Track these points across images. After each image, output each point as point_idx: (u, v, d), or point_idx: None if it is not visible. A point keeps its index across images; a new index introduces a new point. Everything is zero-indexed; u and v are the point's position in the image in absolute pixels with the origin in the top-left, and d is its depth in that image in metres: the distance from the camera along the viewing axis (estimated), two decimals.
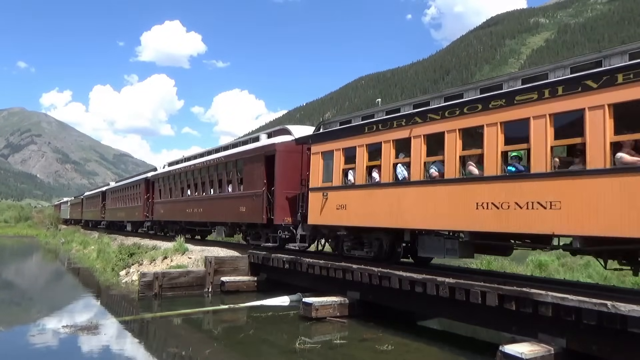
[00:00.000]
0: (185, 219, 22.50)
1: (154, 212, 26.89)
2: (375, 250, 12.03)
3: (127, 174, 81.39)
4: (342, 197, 12.07)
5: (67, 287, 19.68)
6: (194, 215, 21.18)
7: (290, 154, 14.73)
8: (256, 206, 15.64)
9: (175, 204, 23.81)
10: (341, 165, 12.27)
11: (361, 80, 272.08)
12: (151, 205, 27.42)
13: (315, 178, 13.08)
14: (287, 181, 14.63)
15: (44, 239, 48.46)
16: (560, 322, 7.38)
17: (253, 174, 16.20)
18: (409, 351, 8.94)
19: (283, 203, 14.62)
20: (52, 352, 9.22)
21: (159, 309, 13.19)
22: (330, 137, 12.82)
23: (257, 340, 10.05)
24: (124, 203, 33.56)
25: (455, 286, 8.78)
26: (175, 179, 23.88)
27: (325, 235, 13.89)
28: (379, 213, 10.95)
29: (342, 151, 12.26)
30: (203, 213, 20.27)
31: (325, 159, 12.91)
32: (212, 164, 19.87)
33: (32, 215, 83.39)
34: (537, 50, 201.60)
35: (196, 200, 21.18)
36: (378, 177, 11.22)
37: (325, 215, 12.53)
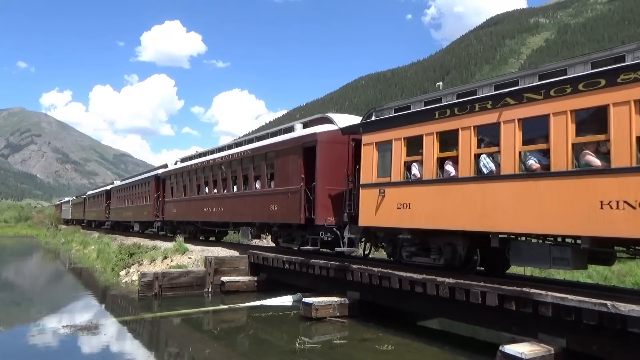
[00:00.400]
0: (202, 219, 20.69)
1: (164, 212, 25.10)
2: (447, 257, 10.17)
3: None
4: (404, 195, 10.28)
5: (67, 287, 19.68)
6: (213, 215, 19.31)
7: (334, 145, 13.04)
8: (292, 204, 13.83)
9: (190, 203, 21.95)
10: (402, 158, 10.47)
11: (361, 80, 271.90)
12: (161, 205, 25.58)
13: (368, 172, 11.27)
14: (330, 176, 12.98)
15: (44, 239, 48.48)
16: (560, 322, 7.38)
17: (287, 169, 14.35)
18: (409, 351, 8.94)
19: (325, 201, 12.89)
20: (52, 352, 9.23)
21: (159, 309, 13.19)
22: (387, 125, 10.99)
23: (257, 340, 10.06)
24: (130, 202, 31.79)
25: (455, 286, 8.78)
26: (191, 175, 21.98)
27: (380, 238, 11.98)
28: (456, 213, 9.20)
29: (404, 141, 10.46)
30: (224, 212, 18.37)
31: (381, 151, 11.09)
32: (235, 159, 17.86)
33: (32, 215, 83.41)
34: (537, 50, 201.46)
35: (216, 198, 19.25)
36: (453, 171, 9.48)
37: (382, 215, 10.73)
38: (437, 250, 10.44)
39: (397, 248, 11.36)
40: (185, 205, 22.54)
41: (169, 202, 24.61)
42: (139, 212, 29.55)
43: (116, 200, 36.61)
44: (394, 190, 10.62)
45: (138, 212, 29.77)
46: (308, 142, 13.64)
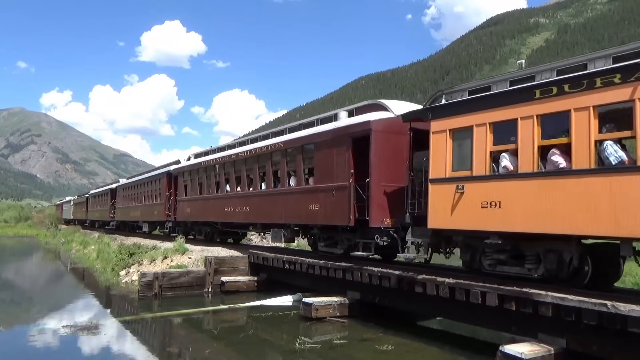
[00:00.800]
0: (223, 219, 18.79)
1: (177, 212, 23.17)
2: (549, 267, 8.48)
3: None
4: (491, 191, 8.55)
5: (67, 287, 19.69)
6: (236, 215, 17.38)
7: (391, 135, 11.33)
8: (338, 204, 12.04)
9: (207, 202, 20.03)
10: (488, 147, 8.76)
11: (361, 80, 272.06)
12: (174, 204, 23.62)
13: (439, 165, 9.54)
14: (387, 171, 11.23)
15: (44, 239, 48.50)
16: (560, 322, 7.38)
17: (332, 163, 12.48)
18: (409, 351, 8.94)
19: (381, 200, 11.14)
20: (52, 352, 9.23)
21: (159, 309, 13.19)
22: (466, 108, 9.26)
23: (257, 340, 10.06)
24: (138, 201, 29.92)
25: (455, 286, 8.78)
26: (208, 172, 20.08)
27: (456, 243, 10.11)
28: (567, 214, 7.55)
29: (490, 127, 8.76)
30: (250, 213, 16.49)
31: (457, 139, 9.37)
32: (263, 153, 15.85)
33: (32, 215, 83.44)
34: (537, 50, 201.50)
35: (240, 197, 17.25)
36: (563, 162, 7.87)
37: (461, 215, 9.00)
38: (534, 258, 8.74)
39: (477, 255, 9.53)
40: (202, 204, 20.66)
41: (182, 201, 22.71)
42: (148, 211, 27.81)
43: (122, 199, 34.68)
44: (476, 186, 8.90)
45: (147, 212, 28.06)
46: (359, 131, 11.75)
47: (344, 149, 12.17)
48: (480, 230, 8.87)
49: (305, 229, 14.65)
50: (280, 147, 14.96)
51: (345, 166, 12.01)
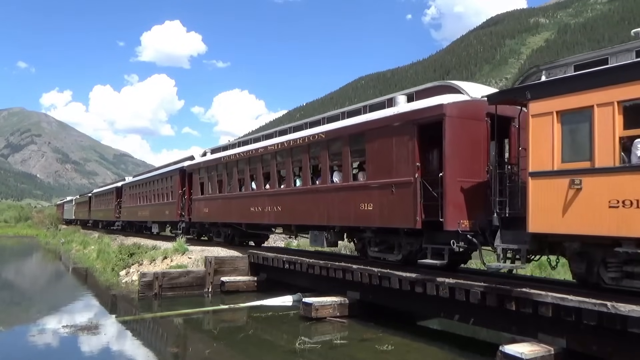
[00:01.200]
0: (248, 220, 16.80)
1: (192, 211, 21.29)
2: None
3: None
4: (626, 187, 6.82)
5: (67, 287, 19.70)
6: (265, 215, 15.47)
7: (467, 121, 9.64)
8: (400, 203, 10.27)
9: (229, 202, 18.08)
10: (617, 131, 6.99)
11: (361, 80, 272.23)
12: (188, 203, 21.79)
13: (543, 155, 7.83)
14: (464, 163, 9.58)
15: (43, 239, 48.50)
16: (560, 322, 7.38)
17: (390, 154, 10.62)
18: (409, 351, 8.94)
19: (457, 197, 9.41)
20: (52, 352, 9.24)
21: (159, 309, 13.20)
22: (581, 84, 7.50)
23: (257, 340, 10.06)
24: (147, 200, 28.12)
25: (455, 286, 8.78)
26: (230, 168, 18.08)
27: (566, 250, 8.20)
28: None
29: (618, 107, 6.98)
30: (282, 213, 14.63)
31: (568, 122, 7.72)
32: (299, 145, 13.92)
33: (32, 215, 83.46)
34: (537, 50, 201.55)
35: (269, 195, 15.34)
36: None
37: (578, 217, 7.28)
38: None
39: (595, 266, 7.79)
40: (223, 204, 18.63)
41: (198, 200, 20.77)
42: (158, 211, 25.92)
43: (129, 198, 32.67)
44: (601, 181, 7.18)
45: (158, 212, 26.08)
46: (427, 117, 9.90)
47: (406, 139, 10.30)
48: (610, 235, 7.04)
49: (352, 232, 12.84)
50: (321, 138, 12.99)
51: (409, 159, 10.21)
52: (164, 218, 25.30)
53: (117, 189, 36.23)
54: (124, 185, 35.06)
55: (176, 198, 22.87)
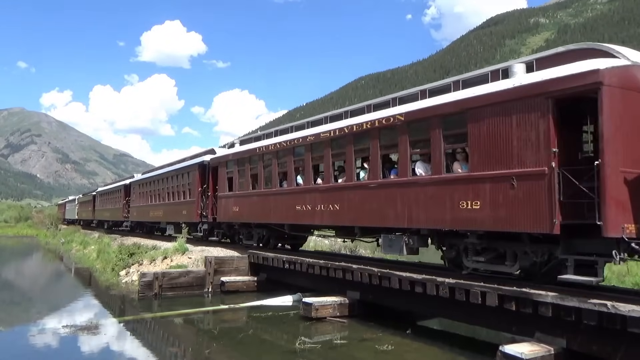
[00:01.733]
0: (294, 221, 14.19)
1: (218, 211, 18.77)
2: None
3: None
4: None
5: (67, 287, 19.70)
6: (317, 215, 12.89)
7: (631, 94, 7.54)
8: (526, 200, 8.02)
9: (267, 199, 15.42)
10: None
11: (361, 80, 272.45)
12: (210, 201, 19.46)
13: None
14: (628, 148, 7.46)
15: (43, 239, 48.49)
16: (560, 322, 7.38)
17: (509, 138, 8.37)
18: (409, 351, 8.94)
19: (620, 193, 7.26)
20: (52, 352, 9.24)
21: (159, 309, 13.20)
22: None
23: (257, 340, 10.06)
24: (160, 199, 25.65)
25: (455, 286, 8.78)
26: (267, 160, 15.59)
27: None
28: None
29: None
30: (341, 212, 12.11)
31: None
32: (365, 130, 11.45)
33: (32, 215, 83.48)
34: (537, 50, 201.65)
35: (322, 191, 12.82)
36: None
37: None
38: None
39: None
40: (259, 201, 16.02)
41: (226, 197, 18.18)
42: (174, 211, 23.43)
43: (139, 197, 30.05)
44: None
45: (173, 211, 23.65)
46: (571, 87, 7.63)
47: (534, 117, 8.02)
48: None
49: (443, 237, 10.25)
50: (398, 120, 10.57)
51: (539, 143, 7.91)
52: (181, 219, 23.10)
53: (126, 187, 33.64)
54: (133, 182, 32.33)
55: (195, 196, 20.51)
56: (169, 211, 24.44)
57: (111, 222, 39.37)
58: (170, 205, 24.13)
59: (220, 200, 18.63)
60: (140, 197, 29.72)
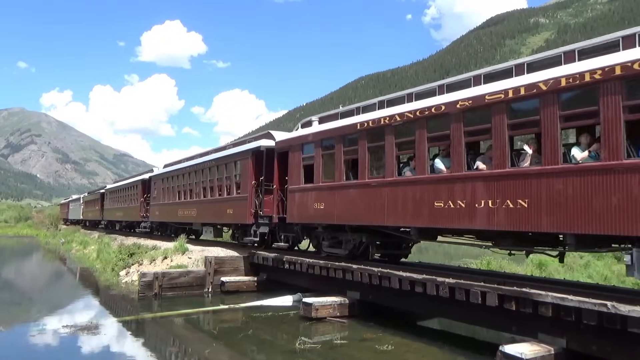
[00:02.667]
0: (427, 223, 9.97)
1: (287, 208, 14.33)
2: None
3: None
4: None
5: (67, 287, 19.70)
6: (479, 214, 8.84)
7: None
8: None
9: (374, 192, 11.21)
10: None
11: (361, 80, 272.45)
12: (276, 197, 15.15)
13: None
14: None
15: (43, 239, 48.48)
16: (560, 322, 7.37)
17: None
18: (409, 351, 8.94)
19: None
20: (52, 352, 9.23)
21: (159, 309, 13.19)
22: None
23: (257, 340, 10.05)
24: (193, 195, 21.47)
25: (455, 286, 8.78)
26: (376, 139, 11.28)
27: None
28: None
29: None
30: (529, 212, 8.05)
31: None
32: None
33: (32, 215, 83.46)
34: (537, 50, 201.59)
35: (491, 179, 8.77)
36: None
37: None
38: None
39: None
40: (361, 195, 11.70)
41: (301, 191, 13.82)
42: (214, 210, 19.14)
43: (162, 194, 25.66)
44: None
45: (212, 210, 19.32)
46: None
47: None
48: None
49: None
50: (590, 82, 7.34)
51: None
52: (225, 219, 18.58)
53: (144, 182, 29.23)
54: (154, 177, 27.62)
55: (247, 191, 16.34)
56: (206, 210, 19.96)
57: (124, 222, 34.64)
58: (207, 203, 19.80)
59: (292, 195, 14.22)
60: (165, 193, 25.28)
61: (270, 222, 15.75)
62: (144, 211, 28.87)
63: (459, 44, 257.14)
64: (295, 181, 14.15)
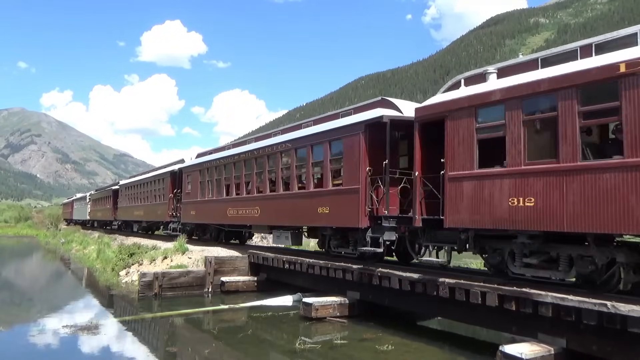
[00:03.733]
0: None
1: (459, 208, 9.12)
2: None
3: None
4: None
5: (67, 287, 19.70)
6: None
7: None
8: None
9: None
10: None
11: (361, 80, 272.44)
12: (420, 189, 10.08)
13: None
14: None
15: (43, 239, 48.47)
16: (560, 322, 7.38)
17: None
18: (409, 351, 8.94)
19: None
20: (52, 352, 9.23)
21: (159, 309, 13.19)
22: None
23: (257, 340, 10.06)
24: (253, 189, 16.65)
25: (455, 286, 8.78)
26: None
27: None
28: None
29: None
30: None
31: None
32: None
33: (32, 215, 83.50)
34: (537, 50, 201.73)
35: None
36: None
37: None
38: None
39: None
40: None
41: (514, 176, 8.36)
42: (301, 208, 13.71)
43: (201, 188, 20.71)
44: None
45: (297, 209, 13.91)
46: None
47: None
48: None
49: None
50: None
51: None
52: (315, 221, 13.30)
53: (174, 175, 23.81)
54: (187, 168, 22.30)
55: (359, 181, 11.44)
56: (277, 209, 14.94)
57: (145, 223, 29.42)
58: (282, 199, 14.71)
59: (458, 186, 9.43)
60: (205, 187, 20.35)
61: (399, 226, 11.01)
62: (173, 210, 23.63)
63: (459, 44, 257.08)
64: (460, 165, 9.36)
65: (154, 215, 26.65)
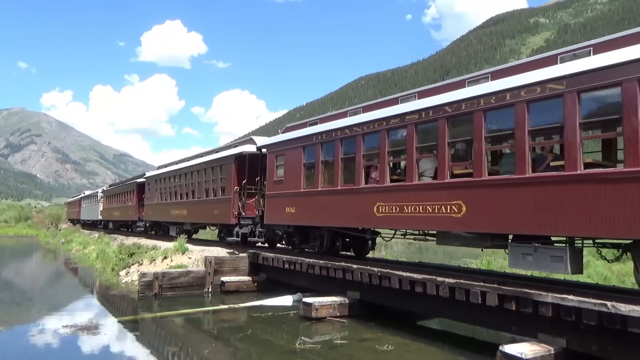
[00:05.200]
0: None
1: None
2: None
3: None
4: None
5: (67, 287, 19.69)
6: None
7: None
8: None
9: None
10: None
11: (361, 80, 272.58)
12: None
13: None
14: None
15: (43, 239, 48.47)
16: (560, 322, 7.38)
17: None
18: (409, 351, 8.94)
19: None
20: (52, 352, 9.23)
21: (159, 309, 13.19)
22: None
23: (257, 340, 10.05)
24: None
25: (455, 286, 8.78)
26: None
27: None
28: None
29: None
30: None
31: None
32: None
33: (32, 215, 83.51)
34: (537, 50, 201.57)
35: None
36: None
37: None
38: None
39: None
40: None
41: None
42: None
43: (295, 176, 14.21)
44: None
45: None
46: None
47: None
48: None
49: None
50: None
51: None
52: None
53: (239, 159, 17.67)
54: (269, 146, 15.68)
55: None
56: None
57: (190, 224, 22.87)
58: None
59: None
60: (311, 176, 13.71)
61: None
62: (239, 208, 17.60)
63: (459, 44, 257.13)
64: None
65: (205, 215, 20.33)
